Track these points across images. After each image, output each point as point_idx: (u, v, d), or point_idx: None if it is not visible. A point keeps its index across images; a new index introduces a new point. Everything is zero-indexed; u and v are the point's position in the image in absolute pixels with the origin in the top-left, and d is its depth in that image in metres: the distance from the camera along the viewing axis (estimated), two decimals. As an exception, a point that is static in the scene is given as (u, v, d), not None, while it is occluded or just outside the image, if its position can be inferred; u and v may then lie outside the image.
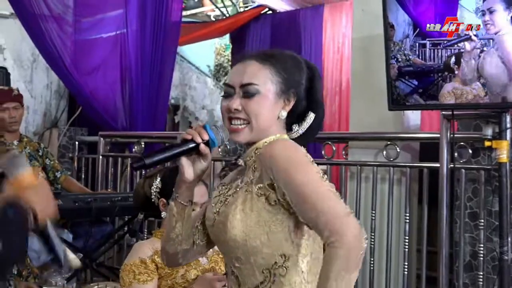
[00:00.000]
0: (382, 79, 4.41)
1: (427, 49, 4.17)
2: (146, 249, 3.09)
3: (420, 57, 4.20)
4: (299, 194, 1.81)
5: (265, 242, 1.91)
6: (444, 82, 4.11)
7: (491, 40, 3.86)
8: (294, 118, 2.04)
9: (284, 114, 2.02)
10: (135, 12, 6.73)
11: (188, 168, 1.99)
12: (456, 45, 4.03)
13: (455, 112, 4.18)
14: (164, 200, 3.02)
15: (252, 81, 1.98)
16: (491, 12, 3.86)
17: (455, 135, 4.23)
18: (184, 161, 1.98)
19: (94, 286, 4.19)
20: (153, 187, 3.08)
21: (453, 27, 3.98)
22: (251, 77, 1.98)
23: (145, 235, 5.44)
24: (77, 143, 7.21)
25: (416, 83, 4.25)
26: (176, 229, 2.06)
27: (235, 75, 2.02)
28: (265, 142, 1.99)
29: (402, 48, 4.26)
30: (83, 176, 6.97)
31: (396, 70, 4.34)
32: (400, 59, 4.29)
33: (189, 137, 1.95)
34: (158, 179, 3.08)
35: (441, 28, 4.04)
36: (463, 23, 3.95)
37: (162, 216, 3.05)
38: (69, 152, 7.19)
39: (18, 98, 5.28)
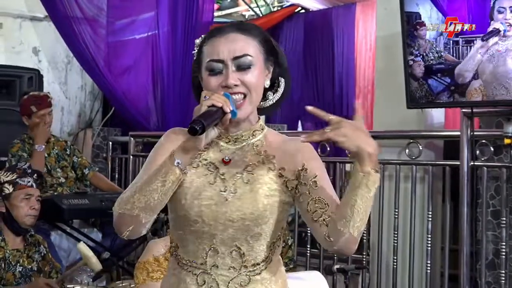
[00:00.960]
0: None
1: (460, 47, 4.16)
2: (160, 247, 3.14)
3: (454, 55, 4.19)
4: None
5: (278, 218, 1.97)
6: (474, 79, 4.10)
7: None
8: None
9: (268, 83, 2.04)
10: (166, 14, 6.78)
11: (204, 136, 1.89)
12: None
13: (476, 110, 4.16)
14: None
15: (247, 52, 1.95)
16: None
17: (476, 133, 4.21)
18: None
19: (120, 284, 4.28)
20: None
21: (459, 27, 3.97)
22: (244, 49, 1.95)
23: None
24: (110, 143, 7.27)
25: (448, 80, 4.24)
26: (166, 198, 1.91)
27: (223, 48, 1.94)
28: (261, 124, 2.04)
29: (434, 46, 4.26)
30: (116, 176, 7.05)
31: (423, 67, 4.33)
32: (432, 57, 4.28)
33: (220, 104, 1.87)
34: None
35: (446, 29, 4.03)
36: (464, 23, 3.94)
37: None
38: (103, 152, 7.27)
39: (51, 103, 5.36)
